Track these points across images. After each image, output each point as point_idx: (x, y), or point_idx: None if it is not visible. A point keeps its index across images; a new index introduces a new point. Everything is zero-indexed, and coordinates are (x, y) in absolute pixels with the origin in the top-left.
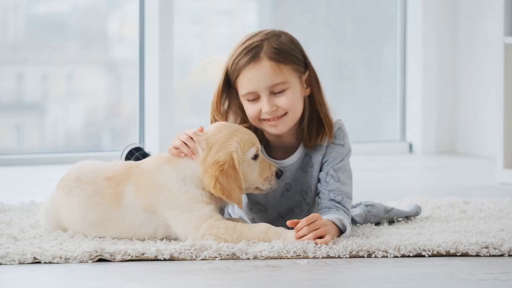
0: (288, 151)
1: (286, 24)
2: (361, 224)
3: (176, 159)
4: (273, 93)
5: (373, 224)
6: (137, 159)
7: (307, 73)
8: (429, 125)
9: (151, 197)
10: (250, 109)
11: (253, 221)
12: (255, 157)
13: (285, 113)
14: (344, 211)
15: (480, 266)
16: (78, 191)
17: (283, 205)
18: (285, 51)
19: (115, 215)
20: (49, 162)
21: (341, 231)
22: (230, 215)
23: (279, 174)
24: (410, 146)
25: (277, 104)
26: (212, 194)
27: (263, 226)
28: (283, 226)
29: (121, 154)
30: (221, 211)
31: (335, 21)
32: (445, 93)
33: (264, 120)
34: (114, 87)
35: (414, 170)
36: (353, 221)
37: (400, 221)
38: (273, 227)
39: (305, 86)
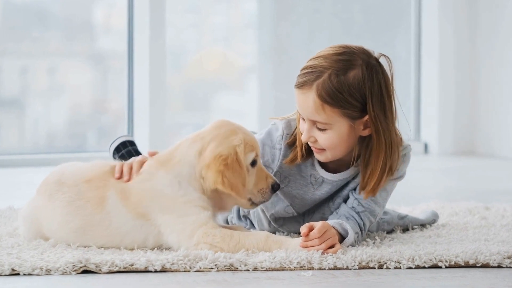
0: (341, 164)
1: (288, 13)
2: (373, 231)
3: (170, 164)
4: (316, 125)
5: (385, 232)
6: (129, 153)
7: (365, 117)
8: (446, 123)
9: (144, 206)
10: (300, 125)
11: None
12: (253, 163)
13: (324, 149)
14: (356, 222)
15: (502, 278)
16: (60, 196)
17: (311, 207)
18: (337, 94)
19: (100, 220)
20: (29, 163)
21: (342, 237)
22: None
23: (275, 187)
24: (426, 146)
25: (315, 137)
26: (212, 197)
27: (262, 234)
28: (294, 223)
29: (110, 145)
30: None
31: (342, 10)
32: (464, 89)
33: None
34: (100, 81)
35: (430, 173)
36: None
37: (415, 228)
38: (273, 235)
39: (361, 127)
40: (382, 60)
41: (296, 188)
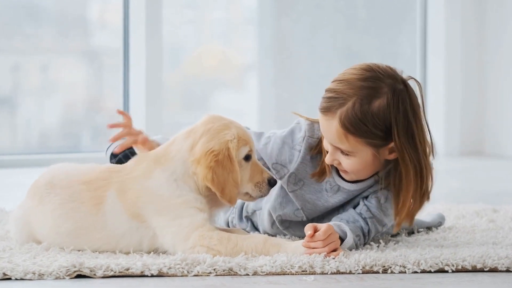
0: None
1: (289, 9)
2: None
3: (166, 160)
4: (339, 149)
5: (390, 235)
6: (126, 157)
7: (391, 144)
8: (453, 123)
9: (139, 207)
10: (324, 143)
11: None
12: (247, 158)
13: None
14: (360, 226)
15: (511, 283)
16: (52, 198)
17: (321, 212)
18: (361, 125)
19: (94, 222)
20: (21, 164)
21: (341, 239)
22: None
23: (272, 182)
24: None
25: (339, 160)
26: (207, 195)
27: (261, 237)
28: (301, 227)
29: (107, 149)
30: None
31: (345, 5)
32: (471, 87)
33: None
34: (95, 79)
35: (436, 174)
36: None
37: (420, 231)
38: (272, 238)
39: (387, 153)
40: (410, 82)
41: (310, 193)
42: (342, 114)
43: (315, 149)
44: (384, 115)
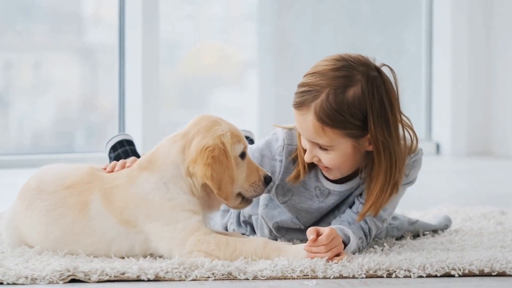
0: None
1: (290, 4)
2: (382, 238)
3: (152, 166)
4: (318, 145)
5: (395, 238)
6: (126, 153)
7: (368, 135)
8: (459, 122)
9: (129, 214)
10: (302, 142)
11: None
12: (242, 155)
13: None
14: (360, 227)
15: None
16: (39, 204)
17: (317, 218)
18: (337, 115)
19: (82, 228)
20: (14, 165)
21: (344, 243)
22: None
23: (267, 179)
24: (437, 147)
25: (318, 157)
26: (201, 196)
27: (260, 241)
28: (298, 233)
29: (107, 143)
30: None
31: (348, 0)
32: (478, 85)
33: None
34: (89, 77)
35: (442, 175)
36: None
37: (426, 234)
38: (272, 241)
39: (367, 144)
40: (384, 69)
41: (301, 202)
42: (317, 107)
43: (296, 155)
44: (359, 103)
